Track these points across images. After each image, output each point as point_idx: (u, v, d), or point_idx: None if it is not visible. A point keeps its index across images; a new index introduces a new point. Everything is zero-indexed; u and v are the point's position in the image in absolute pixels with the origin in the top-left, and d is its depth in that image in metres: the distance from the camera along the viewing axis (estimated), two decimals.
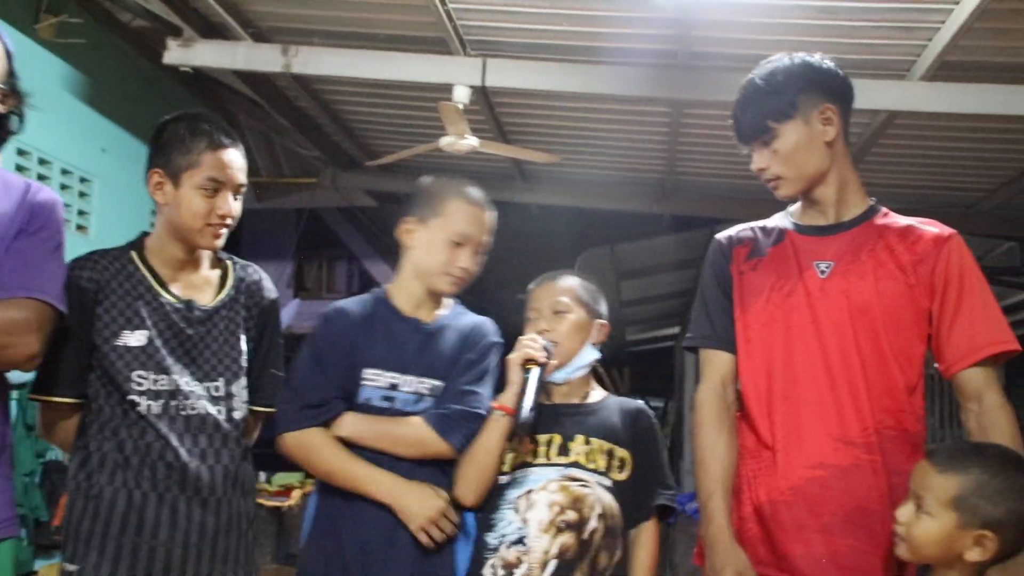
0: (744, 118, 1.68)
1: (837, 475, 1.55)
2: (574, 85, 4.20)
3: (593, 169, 5.94)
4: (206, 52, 4.16)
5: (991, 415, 1.55)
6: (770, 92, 1.65)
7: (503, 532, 1.77)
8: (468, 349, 1.90)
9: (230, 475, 1.76)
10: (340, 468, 1.80)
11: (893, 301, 1.59)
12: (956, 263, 1.60)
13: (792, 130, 1.63)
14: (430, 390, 1.86)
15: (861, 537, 1.53)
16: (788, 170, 1.65)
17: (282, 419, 1.84)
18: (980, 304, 1.59)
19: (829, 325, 1.60)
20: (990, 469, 1.39)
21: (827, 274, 1.62)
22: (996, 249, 7.62)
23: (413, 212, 1.91)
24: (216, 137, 1.76)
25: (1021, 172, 5.26)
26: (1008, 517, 1.36)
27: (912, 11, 3.53)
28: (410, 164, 6.29)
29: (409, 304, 1.92)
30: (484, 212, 1.91)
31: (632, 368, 11.34)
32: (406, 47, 4.19)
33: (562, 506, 1.75)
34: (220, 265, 1.90)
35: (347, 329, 1.89)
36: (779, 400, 1.62)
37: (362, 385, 1.85)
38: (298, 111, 5.43)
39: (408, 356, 1.86)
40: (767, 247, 1.72)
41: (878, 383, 1.57)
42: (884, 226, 1.66)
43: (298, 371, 1.87)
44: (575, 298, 1.89)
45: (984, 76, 3.91)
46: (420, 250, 1.89)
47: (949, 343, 1.59)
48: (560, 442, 1.81)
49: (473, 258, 1.88)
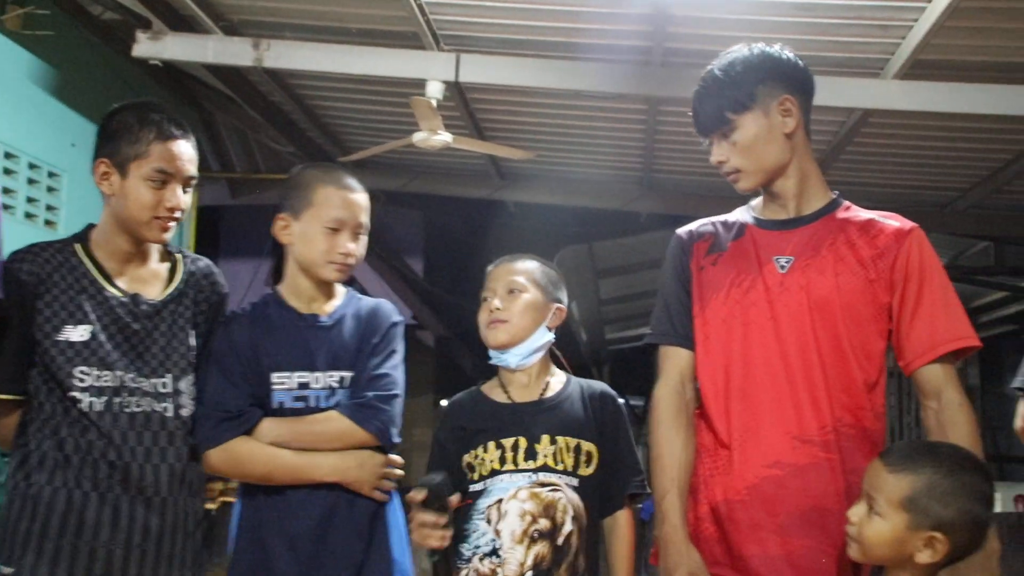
0: (703, 110, 1.66)
1: (794, 474, 1.53)
2: (548, 81, 4.17)
3: (570, 166, 5.92)
4: (176, 45, 4.11)
5: (950, 412, 1.53)
6: (728, 83, 1.62)
7: (476, 543, 1.74)
8: (372, 334, 1.88)
9: (176, 474, 1.72)
10: (278, 466, 1.77)
11: (853, 296, 1.56)
12: (916, 257, 1.58)
13: (751, 121, 1.60)
14: (340, 382, 1.84)
15: (818, 537, 1.51)
16: (747, 162, 1.62)
17: (202, 436, 1.80)
18: (940, 299, 1.57)
19: (788, 321, 1.57)
20: (942, 469, 1.36)
21: (787, 269, 1.60)
22: (971, 249, 7.66)
23: (285, 208, 1.89)
24: (166, 128, 1.72)
25: (994, 171, 5.27)
26: (959, 519, 1.34)
27: (886, 9, 3.53)
28: (386, 161, 6.26)
29: (302, 301, 1.89)
30: (354, 194, 1.88)
31: (612, 366, 11.35)
32: (379, 41, 4.15)
33: (534, 515, 1.71)
34: (169, 258, 1.85)
35: (244, 335, 1.86)
36: (736, 398, 1.60)
37: (273, 390, 1.82)
38: (272, 106, 5.38)
39: (313, 353, 1.84)
40: (728, 241, 1.70)
41: (837, 380, 1.55)
42: (845, 220, 1.64)
43: (208, 386, 1.82)
44: (531, 279, 1.86)
45: (957, 75, 3.92)
46: (299, 244, 1.86)
47: (909, 339, 1.56)
48: (526, 445, 1.76)
49: (354, 241, 1.87)
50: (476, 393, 1.90)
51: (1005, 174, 5.22)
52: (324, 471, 1.78)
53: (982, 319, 9.36)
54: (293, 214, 1.87)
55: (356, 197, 1.88)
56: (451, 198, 6.89)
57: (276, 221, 1.90)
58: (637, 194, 6.11)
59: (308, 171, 1.93)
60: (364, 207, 1.90)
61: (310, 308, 1.89)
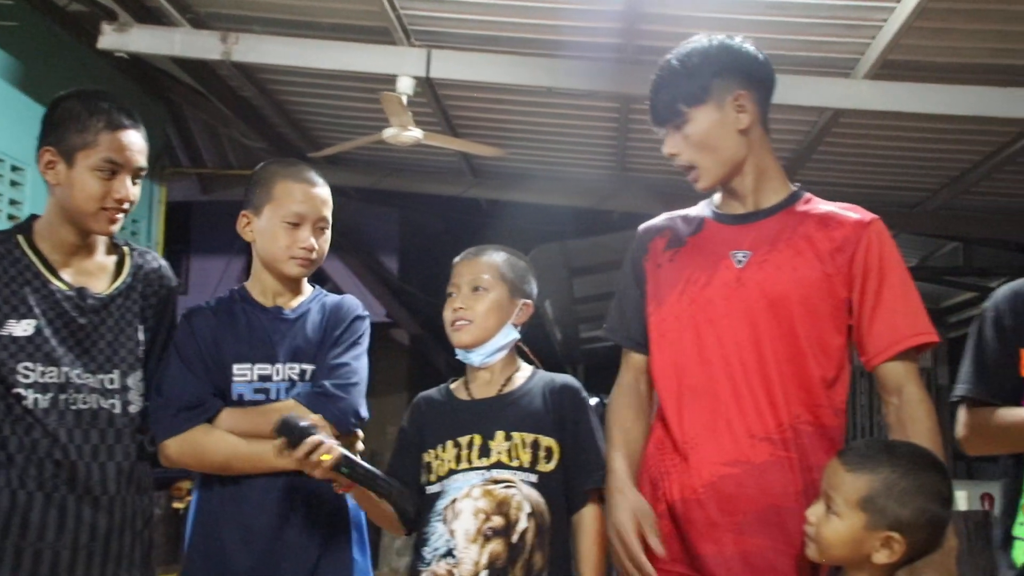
0: (657, 100, 1.63)
1: (752, 472, 1.51)
2: (520, 78, 4.15)
3: (543, 164, 5.90)
4: (142, 38, 4.05)
5: (911, 408, 1.51)
6: (684, 74, 1.59)
7: (435, 545, 1.70)
8: (334, 327, 1.87)
9: (124, 472, 1.69)
10: (237, 455, 1.75)
11: (810, 292, 1.54)
12: (876, 252, 1.55)
13: (704, 115, 1.58)
14: (301, 375, 1.83)
15: (775, 536, 1.49)
16: (699, 157, 1.60)
17: (159, 426, 1.77)
18: (900, 295, 1.55)
19: (743, 317, 1.55)
20: (899, 469, 1.35)
21: (744, 264, 1.57)
22: (940, 249, 7.73)
23: (247, 205, 1.88)
24: (115, 117, 1.68)
25: (963, 172, 5.32)
26: (916, 518, 1.33)
27: (856, 9, 3.54)
28: (358, 158, 6.21)
29: (267, 296, 1.88)
30: (314, 188, 1.86)
31: (586, 365, 11.36)
32: (349, 36, 4.12)
33: (487, 512, 1.67)
34: (116, 251, 1.81)
35: (206, 327, 1.84)
36: (691, 396, 1.58)
37: (233, 382, 1.80)
38: (242, 101, 5.33)
39: (274, 345, 1.83)
40: (686, 236, 1.68)
41: (794, 377, 1.53)
42: (804, 213, 1.61)
43: (167, 377, 1.80)
44: (498, 275, 1.82)
45: (926, 76, 3.94)
46: (261, 240, 1.85)
47: (870, 335, 1.54)
48: (480, 443, 1.73)
49: (315, 236, 1.85)
50: (444, 390, 1.88)
51: (973, 175, 5.26)
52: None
53: (951, 319, 9.44)
54: (255, 210, 1.86)
55: (317, 191, 1.86)
56: (426, 196, 6.86)
57: (240, 219, 1.88)
58: (610, 192, 6.11)
59: (269, 167, 1.91)
60: (325, 201, 1.87)
61: (275, 303, 1.88)
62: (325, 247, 1.89)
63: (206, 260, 11.56)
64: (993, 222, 6.17)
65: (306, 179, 1.86)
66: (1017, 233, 6.42)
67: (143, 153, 1.74)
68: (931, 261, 8.01)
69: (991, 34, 3.61)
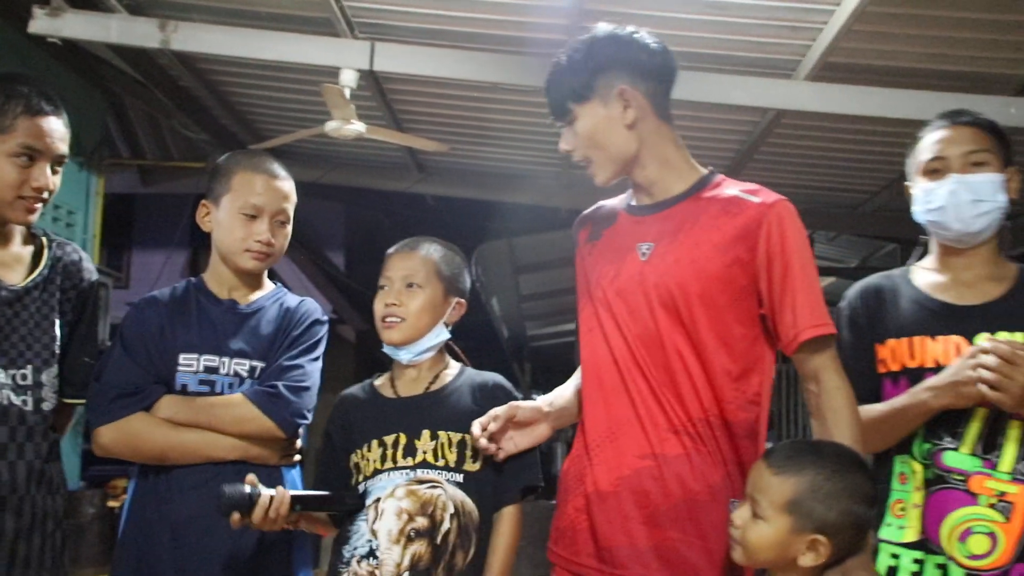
0: (549, 97, 1.61)
1: (665, 465, 1.49)
2: (465, 72, 4.12)
3: (490, 161, 5.88)
4: (76, 23, 3.93)
5: (828, 398, 1.50)
6: (570, 71, 1.57)
7: (355, 544, 1.67)
8: (292, 327, 1.82)
9: (35, 472, 1.62)
10: (174, 444, 1.70)
11: (709, 283, 1.50)
12: (778, 238, 1.50)
13: (590, 112, 1.55)
14: (250, 372, 1.78)
15: (687, 529, 1.48)
16: (591, 152, 1.57)
17: (95, 412, 1.71)
18: (801, 283, 1.51)
19: (648, 311, 1.52)
20: (825, 471, 1.34)
21: (647, 257, 1.55)
22: (880, 250, 7.88)
23: (208, 195, 1.84)
24: (35, 102, 1.62)
25: (901, 175, 5.38)
26: (841, 520, 1.32)
27: (796, 10, 3.58)
28: (303, 151, 6.13)
29: (222, 288, 1.84)
30: (275, 180, 1.82)
31: (533, 363, 11.37)
32: (291, 27, 4.05)
33: (411, 513, 1.64)
34: (34, 242, 1.75)
35: (156, 315, 1.79)
36: (605, 392, 1.57)
37: (178, 371, 1.75)
38: (182, 91, 5.22)
39: (224, 338, 1.78)
40: (603, 230, 1.66)
41: (699, 371, 1.51)
42: (710, 199, 1.57)
43: (108, 363, 1.75)
44: (433, 272, 1.77)
45: (864, 79, 4.00)
46: (218, 231, 1.81)
47: (780, 325, 1.52)
48: (405, 442, 1.70)
49: (273, 229, 1.80)
50: (368, 387, 1.84)
51: None
52: (224, 447, 1.70)
53: None
54: (214, 200, 1.82)
55: (278, 184, 1.82)
56: (372, 191, 6.79)
57: (200, 208, 1.83)
58: (557, 190, 6.11)
59: (232, 156, 1.87)
60: (287, 195, 1.83)
61: (230, 296, 1.84)
62: (284, 242, 1.84)
63: (148, 253, 11.35)
64: None
65: (267, 171, 1.81)
66: None
67: (64, 140, 1.68)
68: (871, 262, 8.16)
69: (928, 39, 3.68)
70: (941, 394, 1.60)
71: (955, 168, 1.72)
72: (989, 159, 1.72)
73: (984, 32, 3.58)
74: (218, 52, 4.11)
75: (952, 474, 1.64)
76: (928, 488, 1.66)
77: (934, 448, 1.66)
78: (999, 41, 3.64)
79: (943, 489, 1.65)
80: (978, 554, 1.60)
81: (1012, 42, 3.64)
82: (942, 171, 1.73)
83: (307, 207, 8.84)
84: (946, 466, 1.65)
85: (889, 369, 1.72)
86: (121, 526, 1.78)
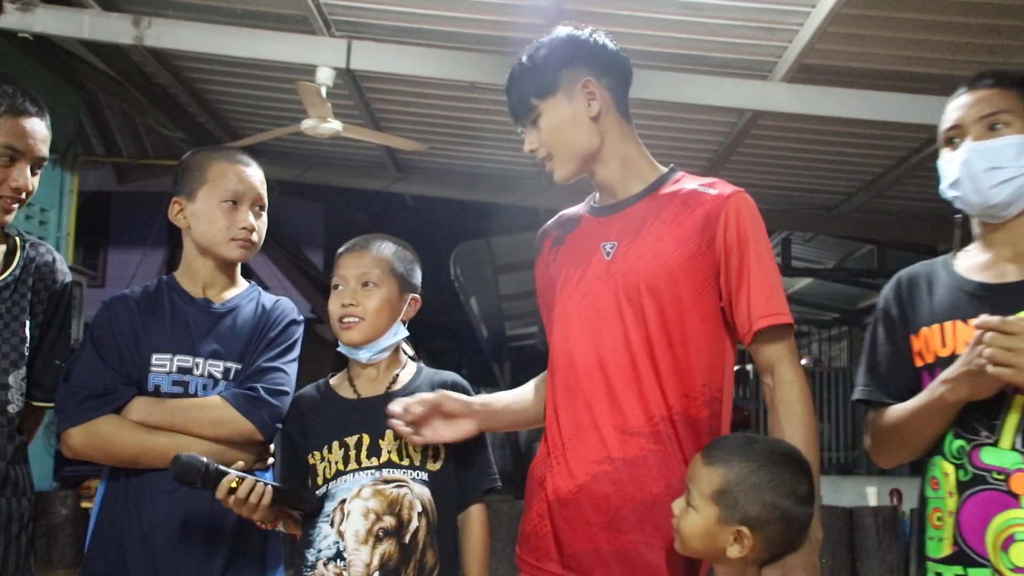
0: (510, 98, 1.61)
1: (624, 468, 1.48)
2: (443, 71, 4.12)
3: (468, 160, 5.88)
4: (48, 18, 3.90)
5: (782, 391, 1.49)
6: (532, 69, 1.57)
7: (319, 547, 1.63)
8: (269, 328, 1.79)
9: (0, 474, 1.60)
10: (146, 448, 1.67)
11: (673, 278, 1.50)
12: (734, 229, 1.50)
13: (554, 106, 1.55)
14: (225, 373, 1.75)
15: (648, 531, 1.47)
16: (556, 148, 1.57)
17: (65, 414, 1.68)
18: (756, 274, 1.50)
19: (612, 310, 1.52)
20: (753, 463, 1.33)
21: (612, 255, 1.55)
22: (856, 251, 7.94)
23: (178, 192, 1.81)
24: (19, 102, 1.60)
25: (876, 177, 5.46)
26: (765, 514, 1.31)
27: (773, 12, 3.60)
28: (280, 149, 6.10)
29: (197, 286, 1.81)
30: (248, 168, 1.80)
31: (513, 363, 11.36)
32: (267, 24, 4.03)
33: (378, 513, 1.62)
34: (7, 241, 1.72)
35: (128, 315, 1.76)
36: (566, 396, 1.56)
37: (151, 371, 1.72)
38: (158, 88, 5.18)
39: (198, 338, 1.75)
40: (566, 235, 1.66)
41: (666, 368, 1.50)
42: (670, 195, 1.57)
43: (78, 364, 1.72)
44: (388, 270, 1.75)
45: (840, 80, 4.03)
46: (197, 224, 1.78)
47: (737, 316, 1.51)
48: (369, 442, 1.67)
49: (254, 216, 1.79)
50: (324, 387, 1.79)
51: (886, 179, 5.41)
52: (198, 451, 1.63)
53: (866, 320, 9.72)
54: (188, 196, 1.78)
55: (252, 171, 1.80)
56: (352, 191, 6.77)
57: (171, 206, 1.80)
58: (535, 190, 6.12)
59: (198, 153, 1.85)
60: (262, 181, 1.82)
61: (204, 294, 1.80)
62: (263, 229, 1.81)
63: (124, 252, 11.25)
64: (905, 226, 6.36)
65: (240, 160, 1.81)
66: (927, 236, 6.62)
67: (46, 143, 1.66)
68: (847, 263, 8.23)
69: (902, 42, 3.71)
70: (957, 387, 1.41)
71: (971, 135, 1.52)
72: (1010, 120, 1.50)
73: (957, 35, 3.61)
74: (193, 49, 4.09)
75: (991, 473, 1.42)
76: (962, 492, 1.45)
77: (969, 445, 1.45)
78: (972, 44, 3.67)
79: (982, 491, 1.43)
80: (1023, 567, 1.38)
81: (984, 45, 3.67)
82: (958, 140, 1.54)
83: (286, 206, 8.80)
84: (984, 464, 1.43)
85: (925, 361, 1.54)
86: (91, 528, 1.75)
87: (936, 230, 6.43)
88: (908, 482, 7.18)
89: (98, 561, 1.70)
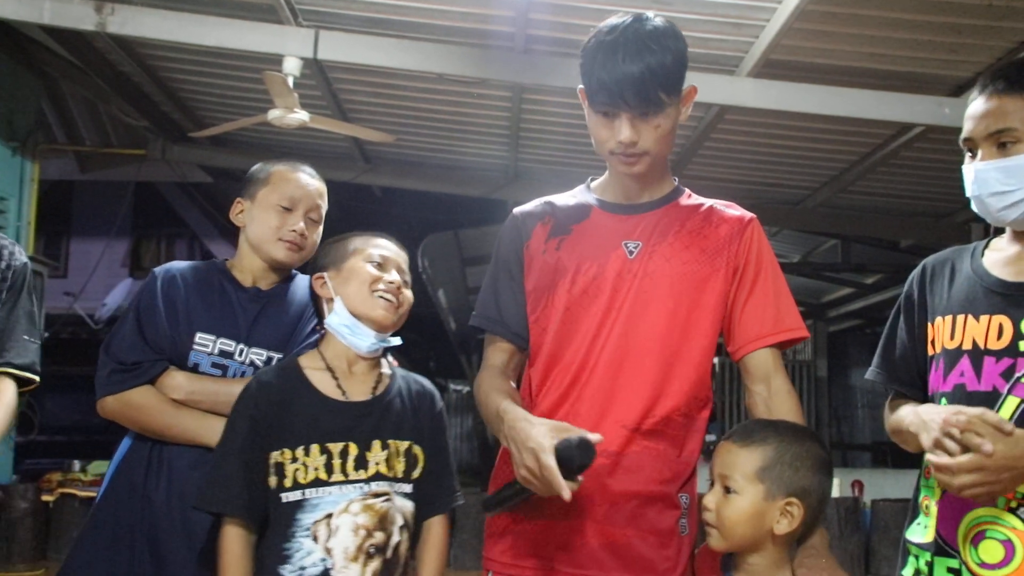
0: (645, 84, 1.45)
1: (622, 463, 1.49)
2: (410, 62, 4.10)
3: (436, 152, 5.86)
4: (8, 3, 3.83)
5: (778, 399, 1.53)
6: (672, 67, 1.47)
7: (301, 564, 1.53)
8: (312, 317, 1.82)
9: None
10: (173, 424, 1.72)
11: (696, 285, 1.54)
12: (755, 247, 1.57)
13: (674, 109, 1.51)
14: (266, 362, 1.77)
15: (641, 526, 1.48)
16: (658, 148, 1.52)
17: (99, 382, 1.75)
18: (773, 289, 1.57)
19: (632, 308, 1.53)
20: (787, 439, 1.40)
21: (635, 255, 1.56)
22: (821, 246, 8.03)
23: (243, 194, 1.89)
24: None
25: (841, 172, 5.52)
26: (808, 483, 1.38)
27: (740, 7, 3.63)
28: (247, 139, 6.04)
29: (247, 277, 1.86)
30: (311, 179, 1.88)
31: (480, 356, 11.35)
32: (233, 13, 3.99)
33: (369, 529, 1.55)
34: None
35: (175, 289, 1.80)
36: (564, 387, 1.54)
37: (193, 349, 1.76)
38: (122, 76, 5.10)
39: (243, 324, 1.79)
40: (571, 224, 1.63)
41: (674, 367, 1.52)
42: (689, 207, 1.61)
43: (116, 335, 1.77)
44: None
45: (806, 76, 4.07)
46: (251, 223, 1.85)
47: (742, 325, 1.55)
48: (356, 452, 1.57)
49: (306, 223, 1.84)
50: (295, 374, 1.62)
51: (850, 175, 5.47)
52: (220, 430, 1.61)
53: (831, 314, 9.84)
54: (249, 197, 1.86)
55: (311, 181, 1.87)
56: None
57: (234, 206, 1.88)
58: (503, 182, 6.12)
59: (269, 163, 1.92)
60: (321, 194, 1.88)
61: (253, 285, 1.85)
62: (316, 239, 1.86)
63: (86, 242, 11.07)
64: (868, 220, 6.44)
65: (303, 170, 1.88)
66: (890, 231, 6.72)
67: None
68: (812, 257, 8.32)
69: (866, 39, 3.76)
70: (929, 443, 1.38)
71: (981, 151, 1.45)
72: (1020, 135, 1.41)
73: (920, 33, 3.66)
74: (157, 37, 4.03)
75: None
76: None
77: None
78: (935, 42, 3.72)
79: None
80: (989, 563, 1.39)
81: (947, 44, 3.73)
82: (972, 153, 1.48)
83: None
84: None
85: (935, 351, 1.53)
86: (105, 483, 1.78)
87: (899, 225, 6.54)
88: (869, 474, 7.32)
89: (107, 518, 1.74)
